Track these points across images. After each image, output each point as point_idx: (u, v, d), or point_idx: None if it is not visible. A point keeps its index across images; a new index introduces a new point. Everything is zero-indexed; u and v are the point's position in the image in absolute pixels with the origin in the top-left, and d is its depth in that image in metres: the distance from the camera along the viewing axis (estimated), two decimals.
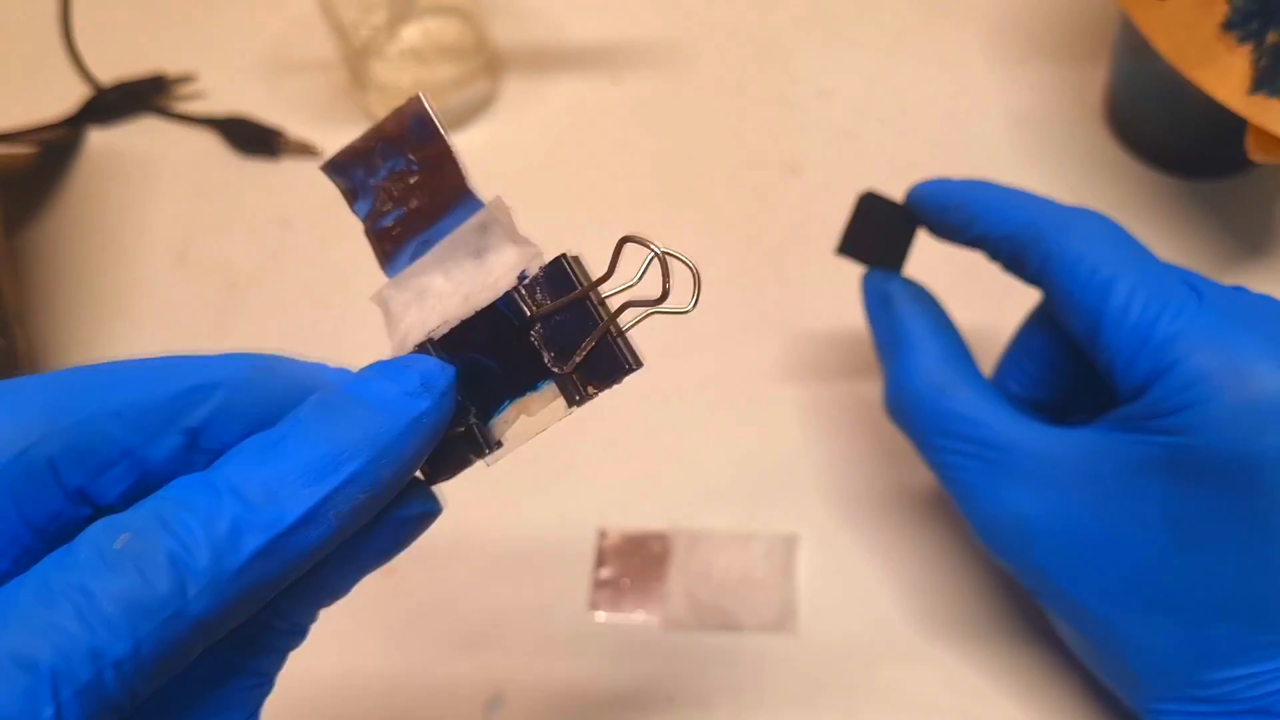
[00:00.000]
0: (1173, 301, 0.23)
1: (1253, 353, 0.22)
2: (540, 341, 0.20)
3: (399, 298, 0.21)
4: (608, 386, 0.20)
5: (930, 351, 0.27)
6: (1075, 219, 0.25)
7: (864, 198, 0.31)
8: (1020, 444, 0.25)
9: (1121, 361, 0.23)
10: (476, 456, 0.20)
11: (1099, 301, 0.24)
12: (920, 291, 0.30)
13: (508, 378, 0.20)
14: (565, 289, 0.20)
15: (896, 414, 0.28)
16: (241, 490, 0.16)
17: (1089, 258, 0.24)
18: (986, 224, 0.27)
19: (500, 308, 0.20)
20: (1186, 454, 0.22)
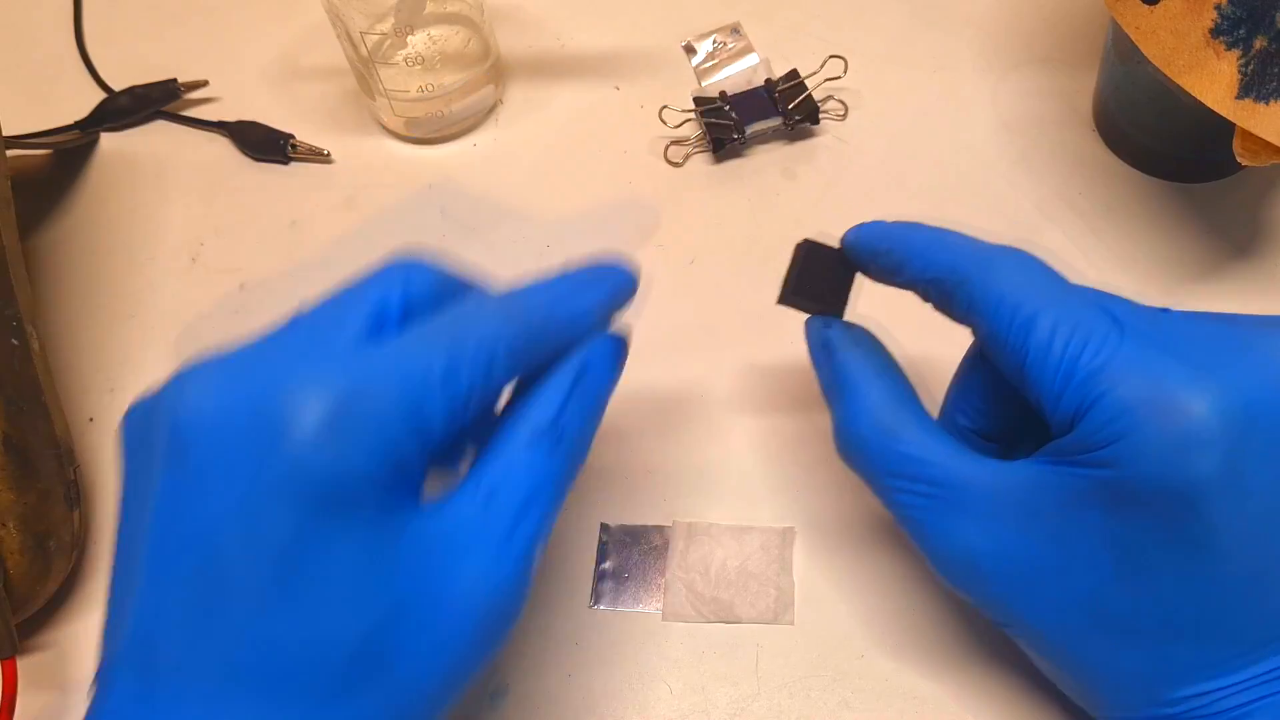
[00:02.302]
0: (1095, 335, 0.23)
1: (1175, 381, 0.22)
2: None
3: None
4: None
5: (873, 395, 0.27)
6: (997, 259, 0.25)
7: (801, 246, 0.31)
8: (966, 480, 0.25)
9: (1049, 398, 0.23)
10: None
11: (1022, 340, 0.24)
12: (862, 335, 0.30)
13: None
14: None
15: (846, 456, 0.28)
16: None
17: (1010, 297, 0.24)
18: (913, 269, 0.27)
19: None
20: (1118, 485, 0.22)
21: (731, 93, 0.45)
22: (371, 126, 0.47)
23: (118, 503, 0.23)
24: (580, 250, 0.43)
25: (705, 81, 0.47)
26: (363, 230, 0.44)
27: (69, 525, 0.36)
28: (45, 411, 0.36)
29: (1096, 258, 0.41)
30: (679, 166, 0.45)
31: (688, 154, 0.45)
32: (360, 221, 0.44)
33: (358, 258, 0.43)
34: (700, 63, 0.48)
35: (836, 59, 0.44)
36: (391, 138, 0.46)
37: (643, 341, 0.40)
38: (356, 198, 0.45)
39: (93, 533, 0.38)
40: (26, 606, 0.35)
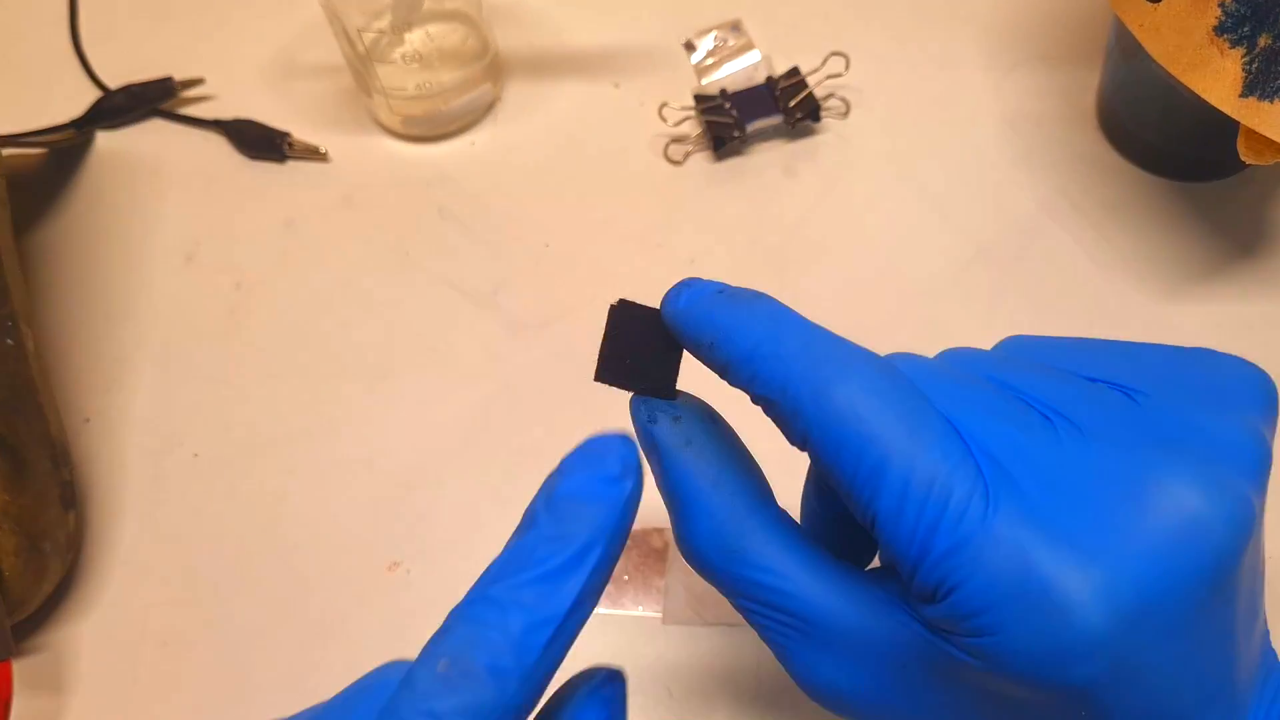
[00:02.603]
0: (955, 496, 0.19)
1: (1051, 568, 0.18)
2: None
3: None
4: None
5: (709, 510, 0.23)
6: (839, 380, 0.20)
7: (615, 309, 0.24)
8: (826, 614, 0.22)
9: (904, 568, 0.20)
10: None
11: (870, 496, 0.19)
12: (694, 427, 0.24)
13: None
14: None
15: (692, 567, 0.24)
16: (519, 598, 0.19)
17: (854, 436, 0.20)
18: (738, 377, 0.22)
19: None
20: (992, 676, 0.19)
21: (732, 90, 0.45)
22: (368, 124, 0.47)
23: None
24: (580, 249, 0.43)
25: (705, 79, 0.47)
26: (360, 229, 0.44)
27: (64, 526, 0.35)
28: (40, 412, 0.36)
29: (1100, 256, 0.41)
30: (679, 165, 0.45)
31: (688, 152, 0.45)
32: (357, 220, 0.44)
33: (355, 257, 0.44)
34: (700, 60, 0.47)
35: (838, 56, 0.44)
36: (389, 136, 0.46)
37: None
38: (353, 197, 0.45)
39: (88, 534, 0.38)
40: (22, 608, 0.35)
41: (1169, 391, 0.21)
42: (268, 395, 0.40)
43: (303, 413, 0.40)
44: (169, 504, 0.38)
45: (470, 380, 0.40)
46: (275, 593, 0.36)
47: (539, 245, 0.43)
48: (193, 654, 0.35)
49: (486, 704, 0.18)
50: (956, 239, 0.42)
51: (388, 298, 0.42)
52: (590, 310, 0.41)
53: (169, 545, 0.37)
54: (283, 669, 0.35)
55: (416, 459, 0.38)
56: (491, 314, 0.41)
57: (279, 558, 0.37)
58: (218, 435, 0.39)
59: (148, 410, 0.40)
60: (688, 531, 0.23)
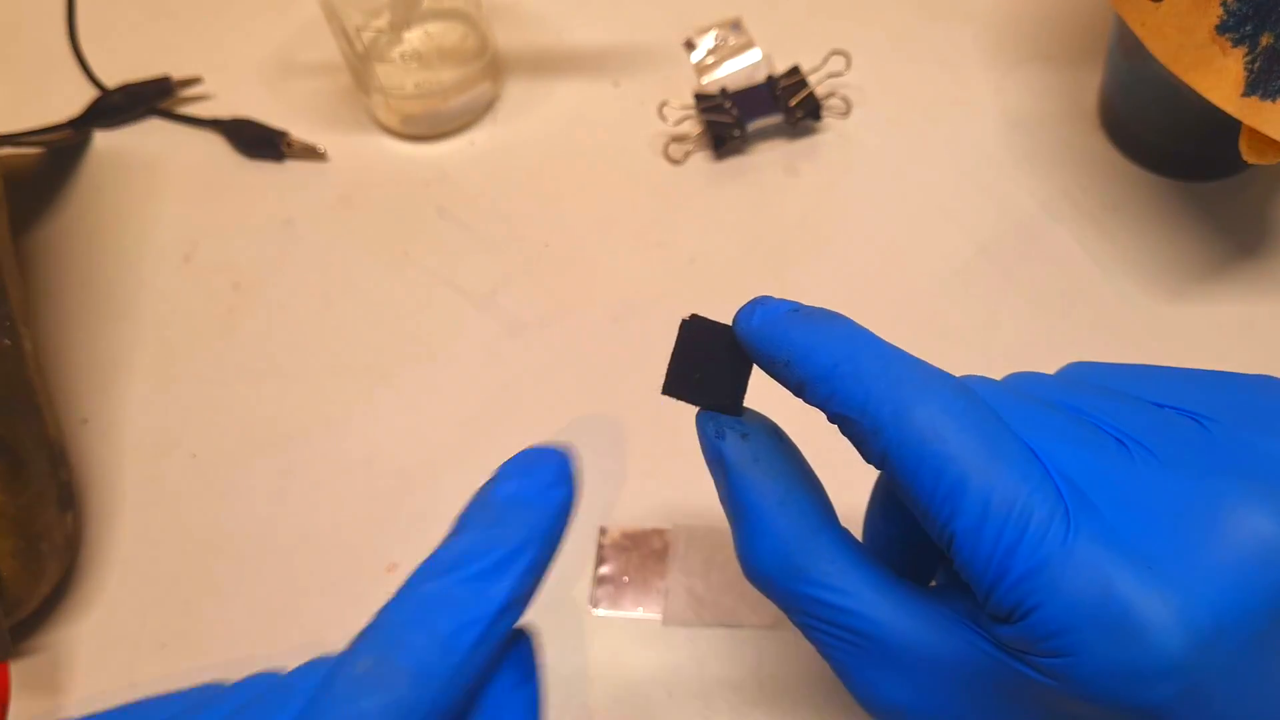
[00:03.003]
0: (1035, 519, 0.19)
1: (1130, 591, 0.18)
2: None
3: None
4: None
5: (776, 528, 0.23)
6: (919, 401, 0.20)
7: (686, 324, 0.25)
8: (891, 631, 0.22)
9: (980, 589, 0.20)
10: None
11: (948, 517, 0.20)
12: (761, 444, 0.24)
13: None
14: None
15: (752, 583, 0.24)
16: (450, 596, 0.19)
17: (934, 457, 0.20)
18: (815, 395, 0.22)
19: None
20: (1063, 696, 0.19)
21: (733, 89, 0.44)
22: (367, 124, 0.46)
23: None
24: (580, 249, 0.43)
25: (706, 78, 0.46)
26: (359, 229, 0.44)
27: (62, 527, 0.35)
28: (37, 412, 0.36)
29: (1101, 255, 0.41)
30: (679, 164, 0.44)
31: (688, 151, 0.45)
32: (356, 220, 0.44)
33: (354, 257, 0.43)
34: (701, 59, 0.47)
35: (839, 55, 0.44)
36: (387, 135, 0.46)
37: (642, 341, 0.40)
38: (352, 196, 0.45)
39: (86, 535, 0.37)
40: (19, 609, 0.34)
41: (1237, 418, 0.21)
42: (266, 395, 0.40)
43: (301, 413, 0.39)
44: (167, 505, 0.38)
45: (469, 380, 0.40)
46: (274, 594, 0.36)
47: (538, 244, 0.43)
48: (191, 655, 0.35)
49: (408, 704, 0.18)
50: (958, 238, 0.42)
51: (386, 297, 0.42)
52: (590, 310, 0.41)
53: (167, 546, 0.37)
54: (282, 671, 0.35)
55: (415, 459, 0.38)
56: (490, 313, 0.41)
57: (277, 559, 0.37)
58: (216, 436, 0.39)
59: (145, 411, 0.40)
60: (751, 548, 0.23)
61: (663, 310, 0.41)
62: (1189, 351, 0.39)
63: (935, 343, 0.39)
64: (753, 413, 0.25)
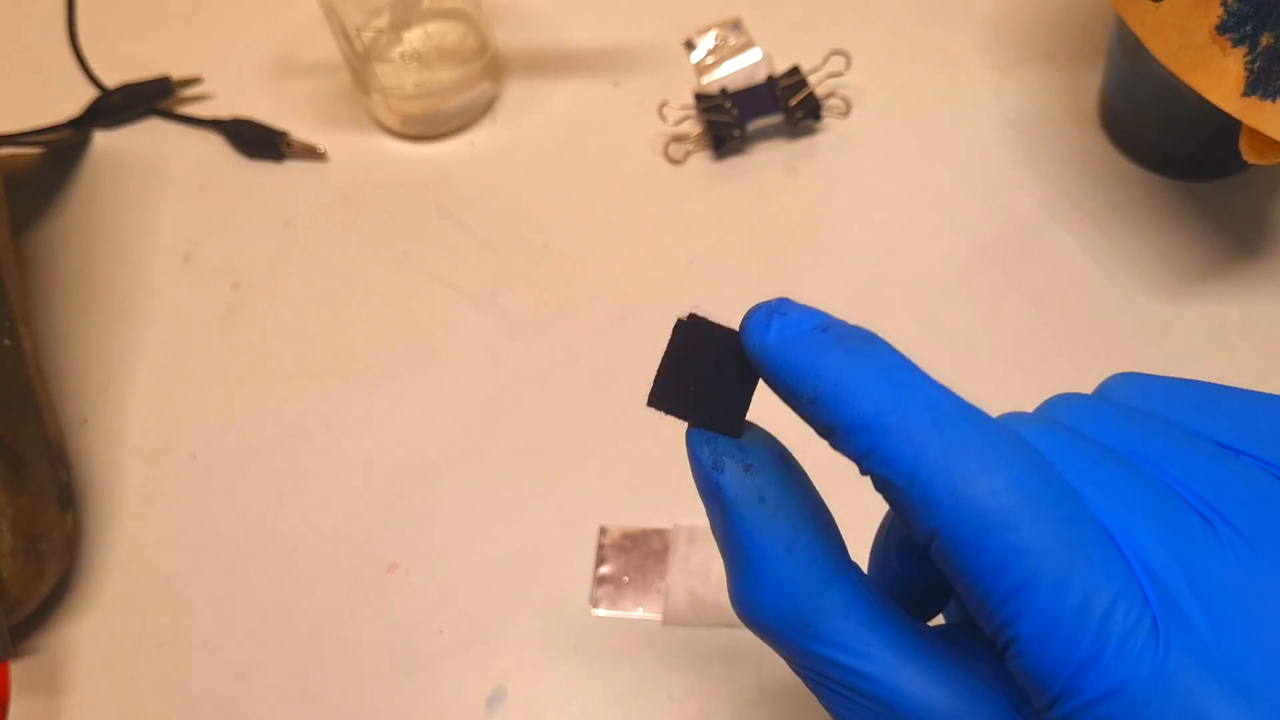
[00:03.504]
0: (1116, 635, 0.16)
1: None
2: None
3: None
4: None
5: (782, 577, 0.20)
6: (980, 472, 0.17)
7: (683, 324, 0.21)
8: (913, 703, 0.19)
9: (1041, 699, 0.17)
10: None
11: (1011, 616, 0.16)
12: (766, 479, 0.21)
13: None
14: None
15: (752, 630, 0.21)
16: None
17: (998, 547, 0.16)
18: (850, 446, 0.18)
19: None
20: None
21: (732, 89, 0.44)
22: (367, 124, 0.46)
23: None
24: (579, 249, 0.43)
25: (706, 78, 0.46)
26: (358, 229, 0.44)
27: (62, 527, 0.35)
28: (37, 412, 0.36)
29: (1101, 256, 0.41)
30: (679, 164, 0.44)
31: (688, 151, 0.45)
32: (356, 220, 0.44)
33: (353, 257, 0.43)
34: (701, 59, 0.47)
35: (839, 55, 0.44)
36: (387, 135, 0.46)
37: (642, 341, 0.40)
38: (352, 196, 0.45)
39: (86, 535, 0.37)
40: (20, 609, 0.34)
41: None
42: (266, 396, 0.40)
43: (301, 413, 0.39)
44: (167, 505, 0.38)
45: (469, 380, 0.40)
46: (273, 594, 0.36)
47: (538, 244, 0.43)
48: (191, 655, 0.35)
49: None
50: (958, 238, 0.42)
51: (386, 297, 0.42)
52: (590, 310, 0.41)
53: (167, 546, 0.37)
54: (281, 671, 0.35)
55: (415, 460, 0.38)
56: (490, 314, 0.41)
57: (277, 559, 0.37)
58: (216, 436, 0.39)
59: (145, 411, 0.40)
60: (752, 598, 0.20)
61: (663, 310, 0.41)
62: (1189, 351, 0.39)
63: (935, 343, 0.39)
64: (755, 431, 0.21)
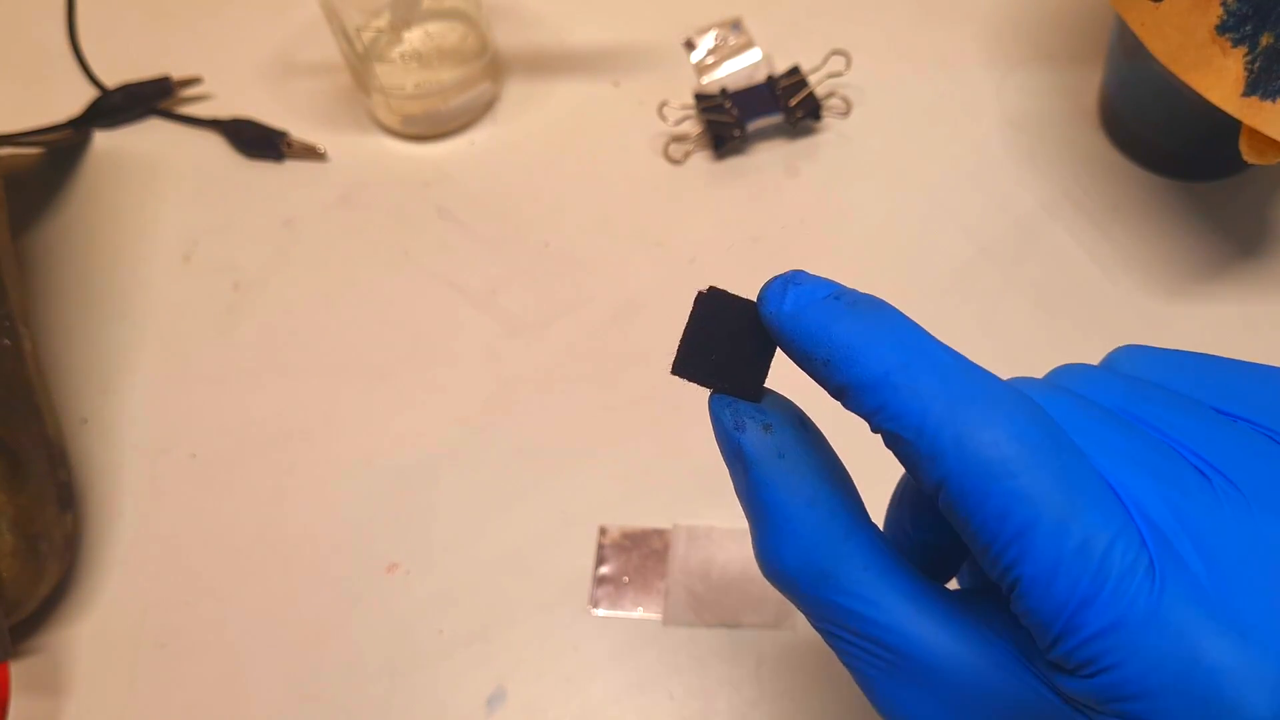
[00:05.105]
0: (1115, 571, 0.17)
1: (1219, 660, 0.16)
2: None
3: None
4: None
5: (804, 531, 0.21)
6: (984, 423, 0.18)
7: (703, 296, 0.23)
8: (925, 649, 0.20)
9: (1045, 639, 0.18)
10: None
11: (1014, 559, 0.17)
12: (786, 437, 0.22)
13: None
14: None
15: (773, 585, 0.22)
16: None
17: (1001, 493, 0.17)
18: (862, 405, 0.19)
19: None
20: None
21: (732, 89, 0.44)
22: (367, 124, 0.46)
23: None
24: (580, 249, 0.43)
25: (706, 78, 0.46)
26: (359, 229, 0.44)
27: (62, 527, 0.35)
28: (37, 412, 0.36)
29: (1102, 256, 0.41)
30: (679, 164, 0.44)
31: (688, 151, 0.45)
32: (356, 220, 0.44)
33: (354, 257, 0.43)
34: (701, 58, 0.47)
35: (839, 55, 0.44)
36: (387, 135, 0.46)
37: (642, 341, 0.40)
38: (352, 196, 0.45)
39: (86, 535, 0.37)
40: (19, 609, 0.34)
41: None
42: (266, 395, 0.40)
43: (301, 413, 0.39)
44: (167, 504, 0.38)
45: (469, 379, 0.40)
46: (274, 594, 0.36)
47: (538, 244, 0.43)
48: (191, 655, 0.35)
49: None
50: (958, 238, 0.42)
51: (386, 297, 0.42)
52: (590, 309, 0.41)
53: (167, 546, 0.37)
54: (281, 670, 0.35)
55: (415, 459, 0.38)
56: (490, 313, 0.41)
57: (277, 558, 0.37)
58: (216, 435, 0.39)
59: (145, 411, 0.40)
60: (774, 552, 0.21)
61: (662, 310, 0.41)
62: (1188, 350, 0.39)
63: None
64: (774, 396, 0.22)
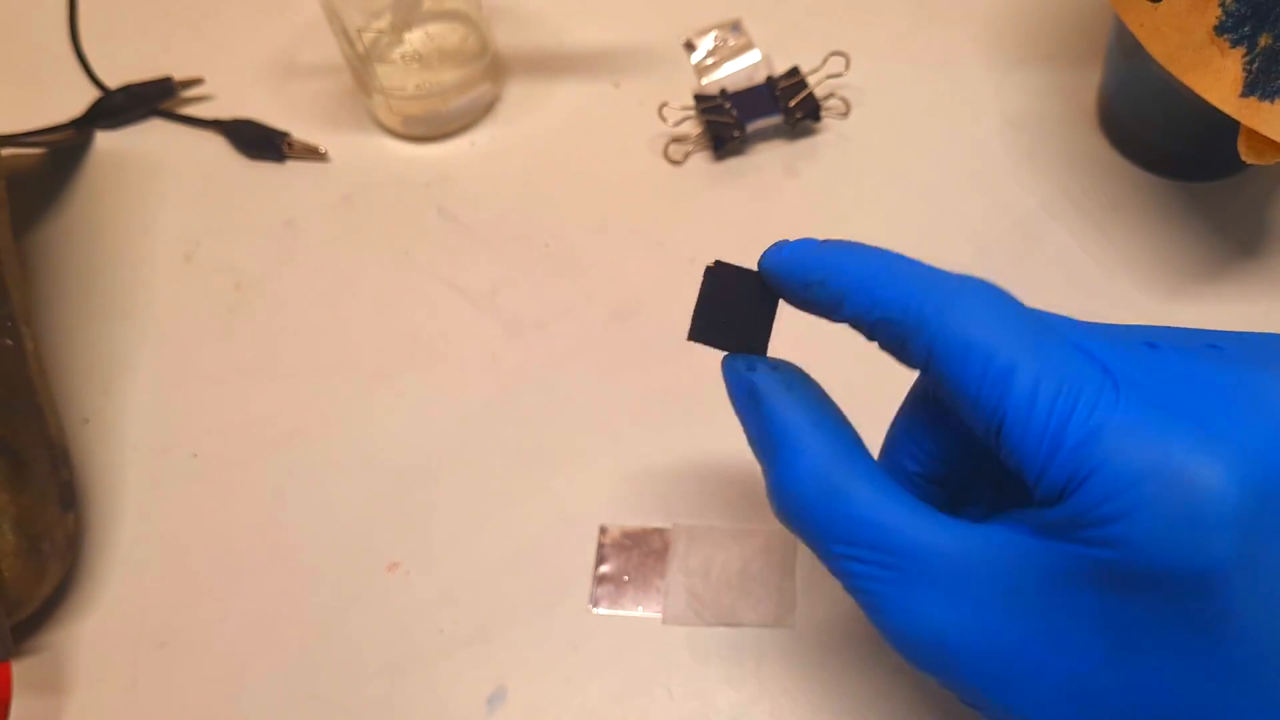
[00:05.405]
0: (1085, 391, 0.20)
1: (1184, 448, 0.19)
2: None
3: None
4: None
5: (813, 449, 0.23)
6: (959, 295, 0.21)
7: (711, 270, 0.26)
8: (930, 549, 0.22)
9: (1034, 466, 0.20)
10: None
11: (998, 398, 0.20)
12: (792, 375, 0.25)
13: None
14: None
15: (785, 519, 0.24)
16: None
17: (980, 344, 0.20)
18: (855, 305, 0.23)
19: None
20: (1121, 567, 0.19)
21: (732, 90, 0.45)
22: (368, 124, 0.47)
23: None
24: (580, 249, 0.43)
25: (705, 79, 0.47)
26: (360, 229, 0.44)
27: (63, 527, 0.35)
28: (39, 412, 0.36)
29: (1101, 256, 0.41)
30: (679, 165, 0.45)
31: (688, 152, 0.45)
32: (357, 220, 0.44)
33: (355, 257, 0.44)
34: (700, 59, 0.47)
35: (838, 56, 0.44)
36: (388, 136, 0.46)
37: (642, 341, 0.40)
38: (353, 196, 0.45)
39: (87, 535, 0.38)
40: (21, 609, 0.35)
41: (1248, 348, 0.22)
42: (267, 395, 0.40)
43: (302, 413, 0.40)
44: (168, 504, 0.38)
45: (470, 380, 0.40)
46: (274, 593, 0.36)
47: (538, 245, 0.43)
48: (192, 655, 0.35)
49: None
50: (957, 238, 0.42)
51: (387, 297, 0.42)
52: (590, 310, 0.41)
53: (168, 545, 0.37)
54: (282, 670, 0.35)
55: (416, 459, 0.38)
56: (491, 314, 0.41)
57: (278, 558, 0.37)
58: (217, 435, 0.39)
59: (147, 410, 0.40)
60: (790, 472, 0.23)
61: (663, 310, 0.41)
62: None
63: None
64: (776, 358, 0.26)
